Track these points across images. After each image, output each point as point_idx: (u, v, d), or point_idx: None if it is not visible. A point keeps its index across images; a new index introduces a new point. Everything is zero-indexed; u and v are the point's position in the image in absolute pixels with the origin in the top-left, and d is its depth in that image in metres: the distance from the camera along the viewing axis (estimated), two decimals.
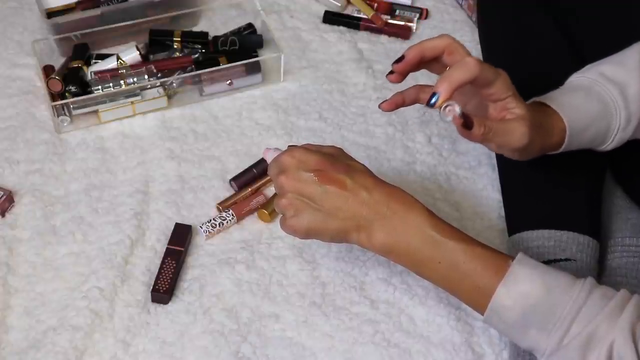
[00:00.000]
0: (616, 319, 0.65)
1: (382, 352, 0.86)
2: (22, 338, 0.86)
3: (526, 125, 0.77)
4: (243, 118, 1.11)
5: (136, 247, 0.95)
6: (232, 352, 0.86)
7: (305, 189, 0.74)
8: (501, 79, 0.77)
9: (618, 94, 0.81)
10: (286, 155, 0.76)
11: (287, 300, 0.91)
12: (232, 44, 1.16)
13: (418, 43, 0.80)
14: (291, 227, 0.76)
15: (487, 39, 1.06)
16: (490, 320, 0.72)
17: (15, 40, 1.20)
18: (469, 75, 0.74)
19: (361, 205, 0.74)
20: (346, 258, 0.94)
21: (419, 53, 0.79)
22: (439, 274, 0.74)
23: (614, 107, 0.81)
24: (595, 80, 0.83)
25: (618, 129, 0.82)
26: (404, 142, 1.09)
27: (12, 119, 1.09)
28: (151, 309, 0.89)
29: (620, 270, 0.90)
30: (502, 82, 0.77)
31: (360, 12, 1.27)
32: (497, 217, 1.00)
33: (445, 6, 1.31)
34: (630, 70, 0.82)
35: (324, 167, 0.75)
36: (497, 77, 0.77)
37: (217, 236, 0.97)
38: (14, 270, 0.92)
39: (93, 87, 1.07)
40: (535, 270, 0.70)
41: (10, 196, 0.98)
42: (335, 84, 1.17)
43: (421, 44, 0.80)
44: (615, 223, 0.95)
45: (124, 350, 0.85)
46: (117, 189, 1.01)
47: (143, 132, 1.08)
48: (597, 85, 0.82)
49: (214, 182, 1.03)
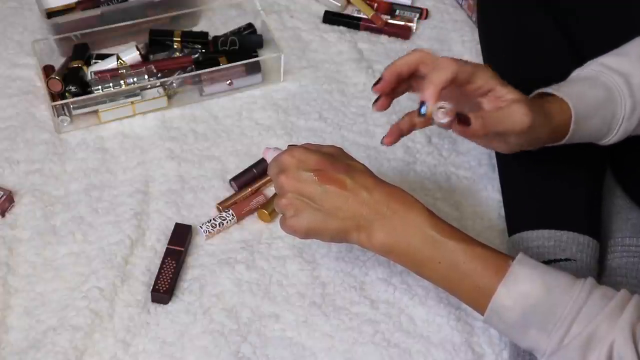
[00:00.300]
0: (616, 319, 0.65)
1: (382, 352, 0.86)
2: (22, 338, 0.86)
3: (524, 105, 0.77)
4: (243, 118, 1.11)
5: (136, 247, 0.95)
6: (232, 352, 0.86)
7: (305, 189, 0.74)
8: (481, 69, 0.77)
9: (623, 82, 0.81)
10: (286, 154, 0.76)
11: (287, 300, 0.91)
12: (232, 44, 1.16)
13: (391, 63, 0.81)
14: (291, 227, 0.76)
15: (487, 39, 1.06)
16: (490, 320, 0.72)
17: (15, 40, 1.20)
18: (448, 74, 0.74)
19: (361, 205, 0.74)
20: (346, 258, 0.94)
21: (394, 71, 0.80)
22: (439, 274, 0.74)
23: (619, 95, 0.81)
24: (599, 71, 0.82)
25: (623, 118, 0.81)
26: (404, 142, 1.09)
27: (12, 119, 1.09)
28: (151, 309, 0.89)
29: (620, 270, 0.90)
30: (483, 73, 0.77)
31: (360, 12, 1.27)
32: (497, 217, 1.00)
33: (445, 6, 1.31)
34: (633, 60, 0.82)
35: (323, 166, 0.75)
36: (477, 69, 0.77)
37: (217, 236, 0.97)
38: (14, 270, 0.92)
39: (93, 87, 1.07)
40: (536, 270, 0.70)
41: (10, 196, 0.98)
42: (335, 84, 1.17)
43: (394, 63, 0.81)
44: (615, 223, 0.95)
45: (124, 350, 0.85)
46: (117, 189, 1.01)
47: (143, 132, 1.08)
48: (601, 75, 0.82)
49: (214, 182, 1.03)
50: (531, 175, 0.93)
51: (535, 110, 0.77)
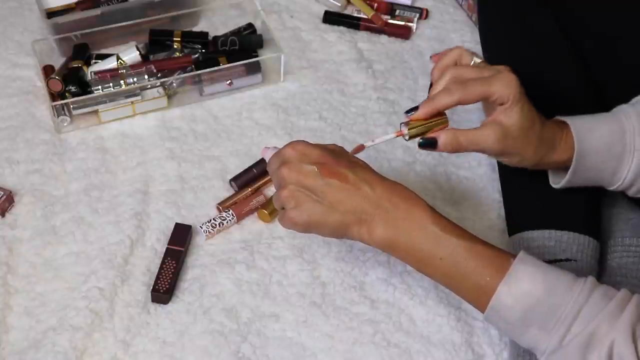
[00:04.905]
0: (617, 319, 0.65)
1: (382, 352, 0.86)
2: (22, 338, 0.86)
3: (498, 130, 0.78)
4: (243, 118, 1.11)
5: (136, 247, 0.95)
6: (232, 352, 0.86)
7: (307, 181, 0.74)
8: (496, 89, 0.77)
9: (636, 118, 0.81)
10: (288, 147, 0.76)
11: (287, 300, 0.90)
12: (232, 44, 1.16)
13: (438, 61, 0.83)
14: (291, 220, 0.75)
15: (487, 39, 1.06)
16: (491, 318, 0.72)
17: (15, 40, 1.20)
18: (449, 101, 0.77)
19: (363, 199, 0.73)
20: (346, 258, 0.94)
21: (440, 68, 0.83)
22: (439, 271, 0.73)
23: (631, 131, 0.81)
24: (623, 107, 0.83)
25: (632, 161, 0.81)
26: (404, 142, 1.08)
27: (12, 119, 1.09)
28: (151, 309, 0.89)
29: (620, 270, 0.90)
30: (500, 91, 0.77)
31: (360, 12, 1.27)
32: (497, 217, 1.00)
33: (445, 6, 1.31)
34: None
35: (326, 160, 0.74)
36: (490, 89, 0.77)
37: (217, 236, 0.97)
38: (14, 270, 0.92)
39: (93, 87, 1.07)
40: (537, 269, 0.70)
41: (10, 196, 0.98)
42: (335, 84, 1.17)
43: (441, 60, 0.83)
44: (616, 223, 0.95)
45: (124, 350, 0.85)
46: (117, 189, 1.01)
47: (143, 132, 1.08)
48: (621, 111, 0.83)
49: (214, 182, 1.03)
50: (531, 176, 0.93)
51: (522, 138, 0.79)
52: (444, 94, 0.78)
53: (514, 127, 0.78)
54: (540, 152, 0.81)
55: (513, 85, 0.78)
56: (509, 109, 0.78)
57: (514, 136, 0.79)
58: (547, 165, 0.84)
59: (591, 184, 0.85)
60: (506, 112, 0.78)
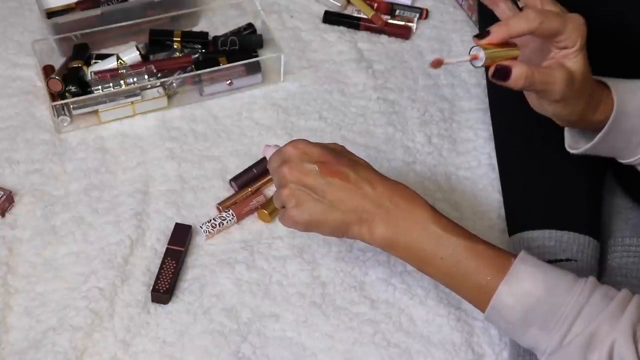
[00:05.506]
0: (617, 319, 0.65)
1: (382, 352, 0.86)
2: (22, 338, 0.86)
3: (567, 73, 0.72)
4: (243, 118, 1.11)
5: (136, 247, 0.95)
6: (232, 352, 0.86)
7: (308, 180, 0.74)
8: (569, 29, 0.71)
9: None
10: (289, 146, 0.76)
11: (287, 300, 0.90)
12: (232, 44, 1.16)
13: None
14: (292, 219, 0.75)
15: None
16: (491, 318, 0.72)
17: (15, 40, 1.20)
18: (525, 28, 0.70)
19: (364, 198, 0.73)
20: (346, 258, 0.94)
21: None
22: (440, 270, 0.73)
23: None
24: None
25: None
26: (404, 142, 1.09)
27: (12, 119, 1.09)
28: (151, 309, 0.89)
29: (620, 270, 0.90)
30: (571, 31, 0.72)
31: (360, 12, 1.27)
32: (497, 217, 1.00)
33: (445, 6, 1.31)
34: None
35: (327, 159, 0.74)
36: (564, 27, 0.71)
37: (217, 236, 0.97)
38: (14, 270, 0.92)
39: (93, 87, 1.07)
40: (538, 269, 0.70)
41: (10, 196, 0.98)
42: (335, 84, 1.17)
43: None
44: (616, 223, 0.95)
45: (124, 350, 0.85)
46: (117, 189, 1.01)
47: (143, 132, 1.08)
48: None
49: (214, 182, 1.03)
50: (531, 175, 0.93)
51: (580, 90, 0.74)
52: (521, 19, 0.70)
53: (578, 73, 0.73)
54: (590, 106, 0.76)
55: (582, 30, 0.73)
56: (573, 54, 0.73)
57: (576, 83, 0.73)
58: (586, 123, 0.78)
59: (612, 153, 0.80)
60: (570, 58, 0.73)
